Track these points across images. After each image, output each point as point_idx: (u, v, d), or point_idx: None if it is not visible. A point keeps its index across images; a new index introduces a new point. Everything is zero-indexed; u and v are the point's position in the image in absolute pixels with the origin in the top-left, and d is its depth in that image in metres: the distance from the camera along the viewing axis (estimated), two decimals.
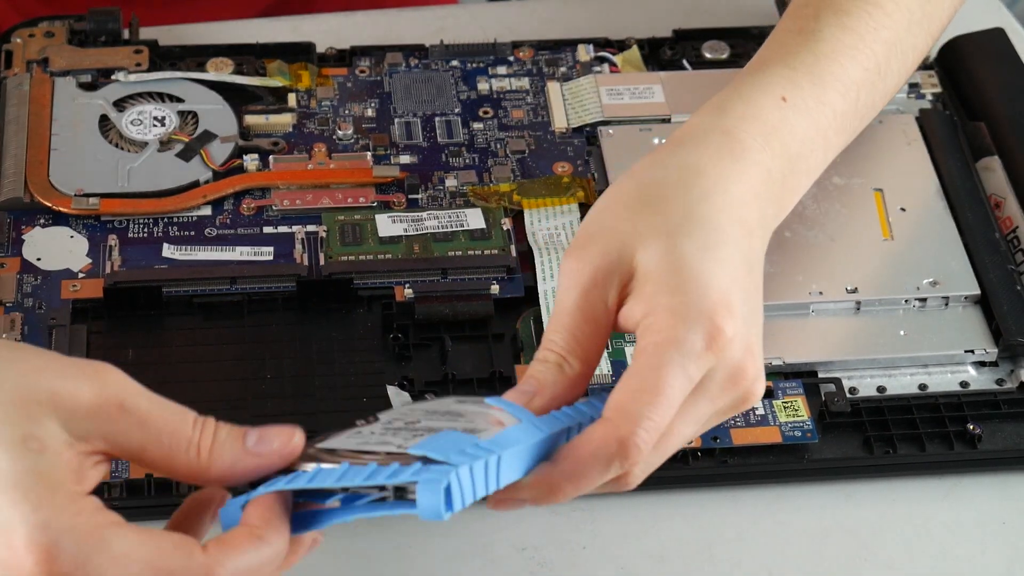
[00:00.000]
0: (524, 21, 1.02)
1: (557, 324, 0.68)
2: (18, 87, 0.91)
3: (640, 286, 0.67)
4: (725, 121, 0.73)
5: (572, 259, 0.68)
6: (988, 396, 0.81)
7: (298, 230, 0.86)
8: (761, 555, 0.77)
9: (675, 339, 0.65)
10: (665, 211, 0.68)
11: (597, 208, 0.70)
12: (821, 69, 0.77)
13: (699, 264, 0.67)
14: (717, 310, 0.65)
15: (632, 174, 0.71)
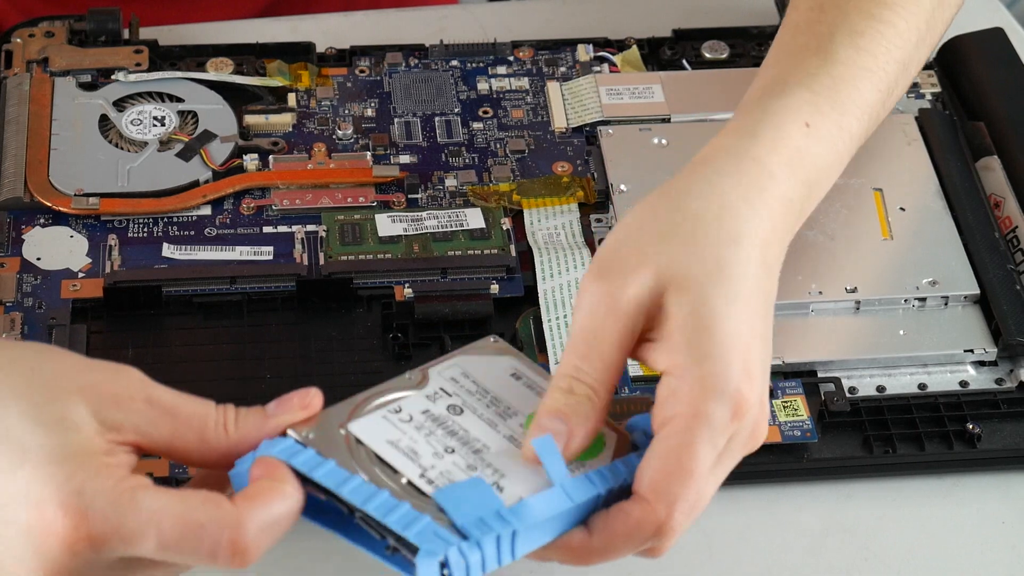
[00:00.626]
0: (524, 21, 1.02)
1: (583, 350, 0.67)
2: (18, 87, 0.91)
3: (667, 335, 0.67)
4: (756, 148, 0.73)
5: (598, 283, 0.67)
6: (988, 396, 0.81)
7: (298, 230, 0.86)
8: (761, 555, 0.77)
9: (704, 415, 0.65)
10: (698, 253, 0.68)
11: (624, 227, 0.70)
12: (840, 94, 0.77)
13: (725, 322, 0.66)
14: (742, 380, 0.66)
15: (664, 197, 0.71)
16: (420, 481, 0.63)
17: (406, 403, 0.66)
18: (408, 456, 0.64)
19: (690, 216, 0.69)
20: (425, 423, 0.65)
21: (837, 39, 0.79)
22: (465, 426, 0.65)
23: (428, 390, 0.67)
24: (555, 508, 0.64)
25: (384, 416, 0.65)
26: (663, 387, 0.66)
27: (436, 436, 0.65)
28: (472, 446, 0.65)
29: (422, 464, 0.64)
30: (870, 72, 0.79)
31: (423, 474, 0.63)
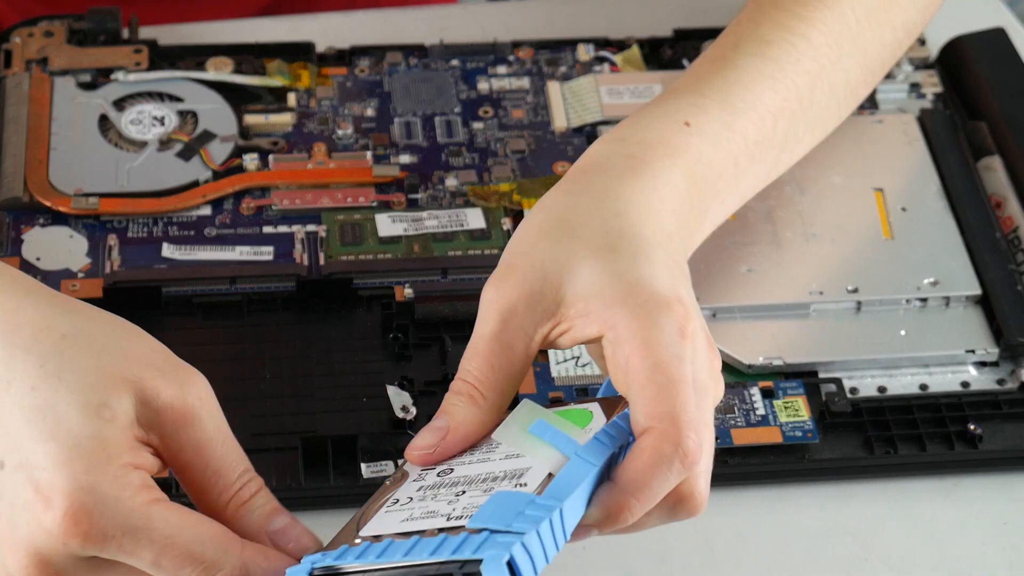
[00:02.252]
0: (524, 21, 1.02)
1: (472, 353, 0.68)
2: (17, 87, 0.91)
3: (582, 308, 0.67)
4: (626, 148, 0.73)
5: (491, 289, 0.68)
6: (989, 396, 0.81)
7: (298, 230, 0.86)
8: (761, 555, 0.77)
9: (652, 338, 0.65)
10: (583, 235, 0.68)
11: (513, 240, 0.70)
12: (732, 96, 0.76)
13: (636, 270, 0.67)
14: (673, 304, 0.66)
15: (543, 206, 0.71)
16: (449, 523, 0.62)
17: (400, 494, 0.65)
18: (428, 518, 0.63)
19: (567, 210, 0.70)
20: (427, 493, 0.65)
21: (741, 47, 0.78)
22: (463, 474, 0.65)
23: (413, 476, 0.66)
24: (582, 475, 0.63)
25: (387, 511, 0.64)
26: (605, 348, 0.66)
27: (443, 494, 0.64)
28: (479, 480, 0.65)
29: (443, 513, 0.63)
30: (772, 79, 0.78)
31: (449, 517, 0.63)
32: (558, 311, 0.67)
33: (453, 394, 0.68)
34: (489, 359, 0.67)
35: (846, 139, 0.90)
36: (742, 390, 0.80)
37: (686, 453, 0.63)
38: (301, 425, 0.78)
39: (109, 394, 0.62)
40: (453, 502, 0.63)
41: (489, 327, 0.68)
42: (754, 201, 0.87)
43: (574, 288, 0.67)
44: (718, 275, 0.83)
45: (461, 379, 0.68)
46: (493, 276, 0.69)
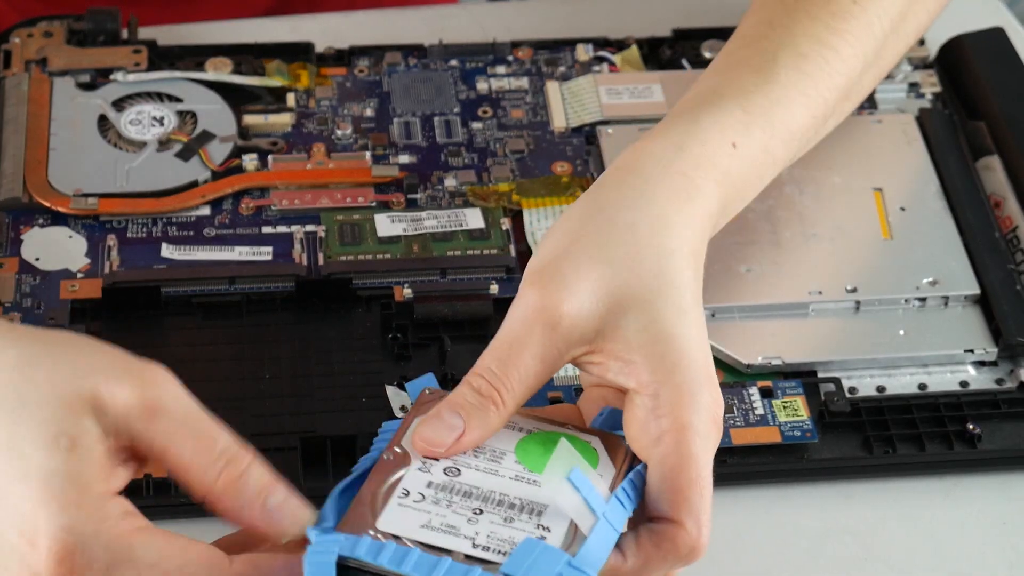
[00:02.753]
0: (523, 21, 1.02)
1: (501, 355, 0.66)
2: (17, 87, 0.91)
3: (623, 354, 0.66)
4: (683, 162, 0.72)
5: (535, 292, 0.67)
6: (988, 396, 0.81)
7: (297, 230, 0.86)
8: (760, 555, 0.77)
9: (692, 426, 0.65)
10: (640, 269, 0.67)
11: (563, 240, 0.69)
12: (774, 117, 0.76)
13: (681, 333, 0.67)
14: (711, 385, 0.66)
15: (597, 206, 0.70)
16: (476, 551, 0.62)
17: (407, 483, 0.65)
18: (449, 533, 0.63)
19: (625, 227, 0.69)
20: (439, 496, 0.64)
21: (780, 59, 0.78)
22: (473, 483, 0.65)
23: (417, 463, 0.66)
24: (608, 542, 0.64)
25: (399, 504, 0.64)
26: (638, 408, 0.66)
27: (457, 504, 0.64)
28: (494, 499, 0.65)
29: (466, 535, 0.63)
30: (808, 98, 0.78)
31: (474, 544, 0.63)
32: (595, 340, 0.67)
33: (472, 391, 0.66)
34: (518, 366, 0.66)
35: (846, 139, 0.91)
36: (741, 390, 0.80)
37: (697, 553, 0.65)
38: (300, 425, 0.78)
39: (68, 422, 0.60)
40: (473, 522, 0.63)
41: (525, 333, 0.66)
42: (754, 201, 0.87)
43: (618, 326, 0.66)
44: (718, 275, 0.83)
45: (484, 378, 0.66)
46: (536, 276, 0.67)
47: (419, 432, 0.66)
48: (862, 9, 0.81)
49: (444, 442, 0.65)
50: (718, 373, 0.80)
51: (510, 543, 0.63)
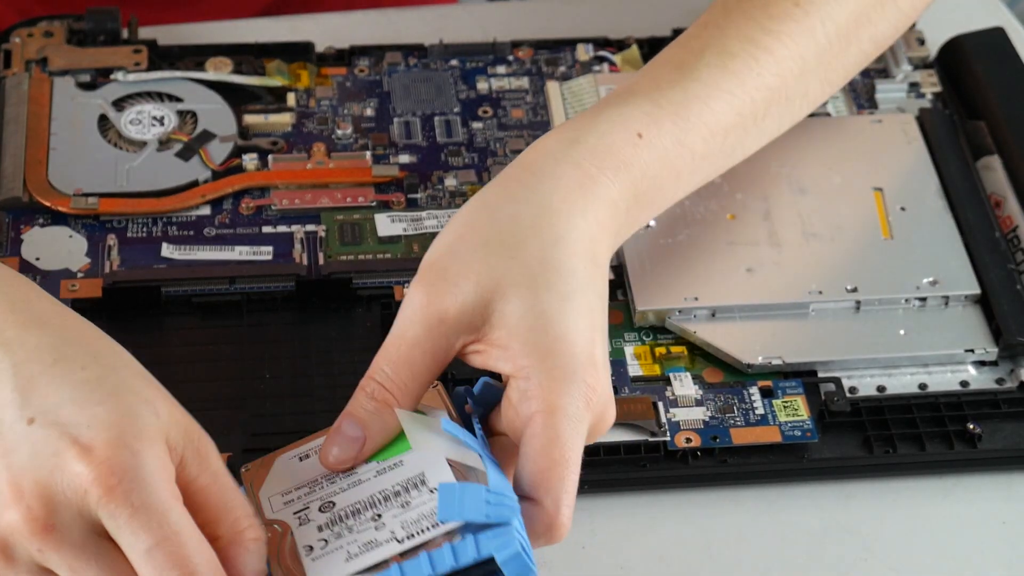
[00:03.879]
0: (523, 21, 1.02)
1: (392, 356, 0.68)
2: (17, 87, 0.91)
3: (503, 340, 0.67)
4: (576, 153, 0.72)
5: (420, 292, 0.68)
6: (988, 395, 0.81)
7: (297, 230, 0.86)
8: (761, 555, 0.77)
9: (561, 408, 0.66)
10: (522, 256, 0.68)
11: (449, 238, 0.70)
12: (688, 111, 0.76)
13: (562, 319, 0.67)
14: (587, 370, 0.67)
15: (484, 203, 0.71)
16: (406, 544, 0.64)
17: (303, 540, 0.66)
18: (372, 549, 0.64)
19: (508, 222, 0.70)
20: (336, 530, 0.66)
21: (705, 57, 0.77)
22: (352, 501, 0.66)
23: (294, 521, 0.67)
24: (497, 469, 0.66)
25: (313, 560, 0.65)
26: (512, 390, 0.67)
27: (356, 525, 0.66)
28: (380, 499, 0.66)
29: (386, 539, 0.64)
30: (732, 96, 0.77)
31: (399, 540, 0.64)
32: (481, 329, 0.68)
33: (367, 398, 0.68)
34: (410, 365, 0.68)
35: (846, 139, 0.91)
36: (741, 390, 0.80)
37: (554, 531, 0.66)
38: (301, 425, 0.77)
39: (156, 400, 0.63)
40: (381, 527, 0.65)
41: (414, 331, 0.68)
42: (754, 201, 0.87)
43: (501, 314, 0.67)
44: (718, 275, 0.83)
45: (377, 382, 0.68)
46: (422, 276, 0.69)
47: (325, 450, 0.68)
48: (804, 12, 0.80)
49: (349, 455, 0.67)
50: (718, 373, 0.80)
51: (425, 516, 0.64)
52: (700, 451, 0.78)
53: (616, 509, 0.78)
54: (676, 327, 0.82)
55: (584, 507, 0.77)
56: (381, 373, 0.68)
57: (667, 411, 0.79)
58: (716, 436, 0.78)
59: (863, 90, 0.95)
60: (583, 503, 0.77)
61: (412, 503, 0.65)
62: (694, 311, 0.82)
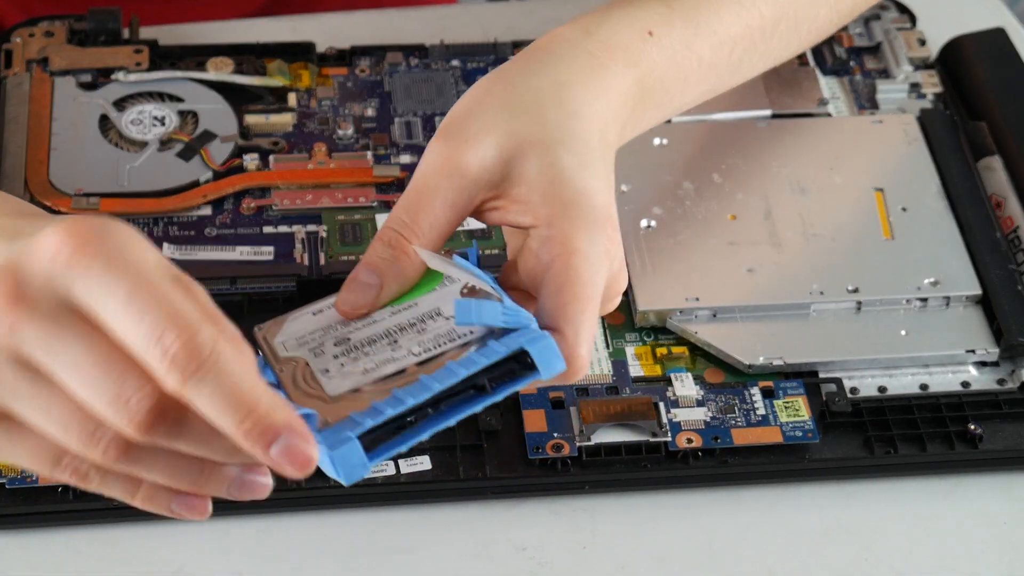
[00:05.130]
0: (524, 21, 1.02)
1: (411, 205, 0.68)
2: (18, 87, 0.91)
3: (523, 195, 0.68)
4: (590, 43, 0.73)
5: (441, 144, 0.69)
6: (989, 396, 0.81)
7: (298, 230, 0.86)
8: (761, 555, 0.77)
9: (583, 251, 0.66)
10: (542, 121, 0.69)
11: (468, 102, 0.71)
12: (698, 16, 0.77)
13: (581, 176, 0.68)
14: (607, 222, 0.68)
15: (504, 76, 0.72)
16: (423, 355, 0.64)
17: (319, 366, 0.65)
18: (391, 362, 0.64)
19: (527, 91, 0.70)
20: (354, 354, 0.65)
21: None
22: (368, 335, 0.66)
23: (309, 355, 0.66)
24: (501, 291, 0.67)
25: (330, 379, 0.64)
26: (532, 240, 0.67)
27: (373, 349, 0.65)
28: (396, 329, 0.66)
29: (403, 355, 0.64)
30: (739, 5, 0.79)
31: (415, 354, 0.64)
32: (500, 186, 0.68)
33: (383, 246, 0.68)
34: (428, 212, 0.68)
35: (847, 139, 0.91)
36: (743, 390, 0.80)
37: (576, 364, 0.65)
38: None
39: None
40: (398, 347, 0.65)
41: (434, 182, 0.68)
42: (755, 201, 0.87)
43: (521, 171, 0.68)
44: (719, 275, 0.83)
45: (394, 230, 0.68)
46: (442, 133, 0.69)
47: (340, 298, 0.67)
48: None
49: (366, 301, 0.67)
50: (719, 373, 0.80)
51: (442, 335, 0.65)
52: (701, 451, 0.78)
53: (617, 509, 0.78)
54: (677, 327, 0.82)
55: (585, 507, 0.77)
56: (398, 221, 0.68)
57: (668, 411, 0.79)
58: (717, 436, 0.78)
59: (864, 90, 0.95)
60: (583, 503, 0.77)
61: (428, 328, 0.65)
62: (695, 311, 0.82)
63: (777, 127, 0.91)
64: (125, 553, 0.75)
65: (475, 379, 0.63)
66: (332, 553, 0.75)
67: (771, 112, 0.92)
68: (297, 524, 0.76)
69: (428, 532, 0.76)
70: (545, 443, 0.78)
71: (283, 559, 0.75)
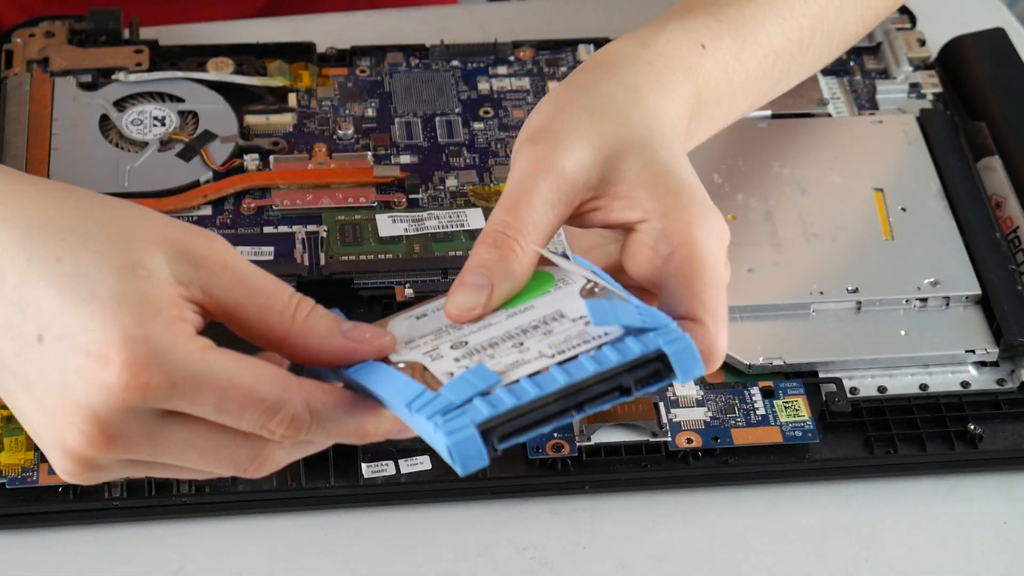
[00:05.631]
0: (524, 21, 1.02)
1: (513, 207, 0.66)
2: (18, 87, 0.91)
3: (625, 192, 0.67)
4: (649, 54, 0.73)
5: (534, 151, 0.67)
6: (989, 396, 0.81)
7: (298, 230, 0.86)
8: (761, 555, 0.77)
9: (702, 239, 0.65)
10: (627, 124, 0.69)
11: (546, 110, 0.70)
12: (745, 29, 0.77)
13: (681, 169, 0.68)
14: (717, 215, 0.67)
15: (574, 86, 0.71)
16: (556, 358, 0.61)
17: (440, 369, 0.62)
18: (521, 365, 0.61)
19: (605, 97, 0.70)
20: (476, 356, 0.62)
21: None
22: (488, 337, 0.63)
23: (426, 359, 0.63)
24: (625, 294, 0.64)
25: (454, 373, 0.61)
26: (644, 235, 0.66)
27: (497, 351, 0.62)
28: (519, 332, 0.63)
29: (532, 357, 0.61)
30: (782, 19, 0.79)
31: (545, 355, 0.61)
32: (598, 187, 0.67)
33: (488, 248, 0.66)
34: (530, 212, 0.66)
35: (846, 139, 0.91)
36: (742, 390, 0.80)
37: (715, 353, 0.64)
38: None
39: (140, 254, 0.61)
40: (525, 349, 0.61)
41: (532, 183, 0.67)
42: (754, 201, 0.87)
43: (620, 170, 0.67)
44: None
45: (498, 231, 0.66)
46: (532, 138, 0.68)
47: (450, 302, 0.65)
48: None
49: (477, 303, 0.65)
50: (719, 373, 0.81)
51: (572, 337, 0.61)
52: (701, 451, 0.78)
53: (617, 509, 0.78)
54: None
55: (585, 507, 0.77)
56: (501, 223, 0.66)
57: (668, 411, 0.79)
58: (717, 436, 0.78)
59: (864, 91, 0.95)
60: (583, 503, 0.77)
61: (554, 330, 0.62)
62: None
63: (777, 127, 0.91)
64: (125, 553, 0.75)
65: (614, 378, 0.60)
66: (332, 553, 0.75)
67: (771, 112, 0.92)
68: (297, 524, 0.76)
69: (428, 532, 0.76)
70: (545, 443, 0.78)
71: (283, 559, 0.75)
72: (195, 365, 0.59)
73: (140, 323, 0.59)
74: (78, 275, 0.60)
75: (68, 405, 0.60)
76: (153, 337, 0.59)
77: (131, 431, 0.60)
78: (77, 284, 0.60)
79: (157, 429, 0.60)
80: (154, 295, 0.60)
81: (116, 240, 0.61)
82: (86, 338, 0.59)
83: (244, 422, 0.60)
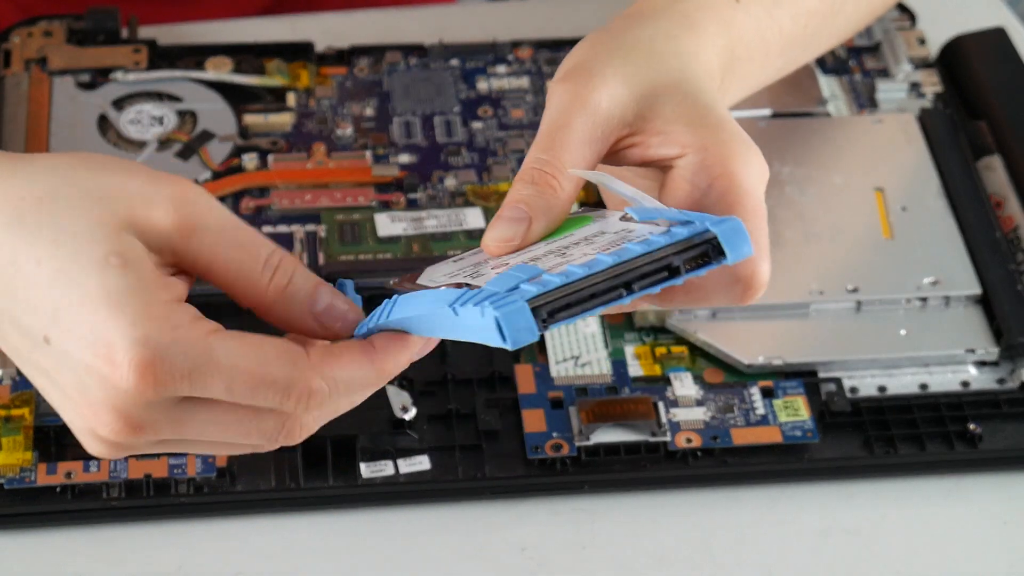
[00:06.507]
0: (523, 20, 1.02)
1: (549, 144, 0.66)
2: (16, 87, 0.91)
3: (662, 127, 0.66)
4: (683, 5, 0.72)
5: (568, 83, 0.67)
6: (989, 396, 0.81)
7: (297, 230, 0.86)
8: (761, 555, 0.77)
9: (741, 170, 0.65)
10: (664, 64, 0.68)
11: (581, 52, 0.69)
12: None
13: (717, 108, 0.67)
14: (757, 150, 0.66)
15: (610, 32, 0.70)
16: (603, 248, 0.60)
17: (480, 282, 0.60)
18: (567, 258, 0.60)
19: (642, 40, 0.69)
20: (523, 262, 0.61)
21: None
22: (524, 259, 0.62)
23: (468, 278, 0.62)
24: None
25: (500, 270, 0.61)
26: (683, 169, 0.66)
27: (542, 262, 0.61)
28: (560, 246, 0.62)
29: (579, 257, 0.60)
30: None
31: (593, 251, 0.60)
32: (634, 123, 0.67)
33: (526, 184, 0.65)
34: (567, 148, 0.66)
35: (847, 139, 0.91)
36: (742, 390, 0.80)
37: (757, 282, 0.64)
38: None
39: (111, 242, 0.60)
40: (568, 255, 0.60)
41: (567, 119, 0.66)
42: None
43: (656, 107, 0.67)
44: None
45: (536, 168, 0.65)
46: (567, 77, 0.67)
47: (488, 235, 0.64)
48: None
49: (515, 234, 0.64)
50: (718, 373, 0.80)
51: (615, 238, 0.60)
52: (700, 451, 0.78)
53: (617, 509, 0.78)
54: (677, 327, 0.82)
55: (584, 507, 0.77)
56: (538, 160, 0.66)
57: (667, 411, 0.79)
58: (716, 436, 0.78)
59: (864, 90, 0.95)
60: (583, 503, 0.77)
61: (596, 240, 0.61)
62: (695, 311, 0.82)
63: (777, 126, 0.91)
64: (124, 553, 0.75)
65: (663, 259, 0.59)
66: (332, 553, 0.75)
67: (771, 111, 0.92)
68: (297, 524, 0.76)
69: (427, 532, 0.76)
70: (544, 443, 0.78)
71: (283, 559, 0.75)
72: (199, 356, 0.59)
73: (135, 323, 0.59)
74: (61, 276, 0.60)
75: (90, 399, 0.60)
76: (153, 336, 0.59)
77: (154, 419, 0.61)
78: (65, 286, 0.60)
79: (178, 413, 0.61)
80: (138, 284, 0.60)
81: (83, 233, 0.60)
82: (91, 338, 0.59)
83: (259, 402, 0.61)
